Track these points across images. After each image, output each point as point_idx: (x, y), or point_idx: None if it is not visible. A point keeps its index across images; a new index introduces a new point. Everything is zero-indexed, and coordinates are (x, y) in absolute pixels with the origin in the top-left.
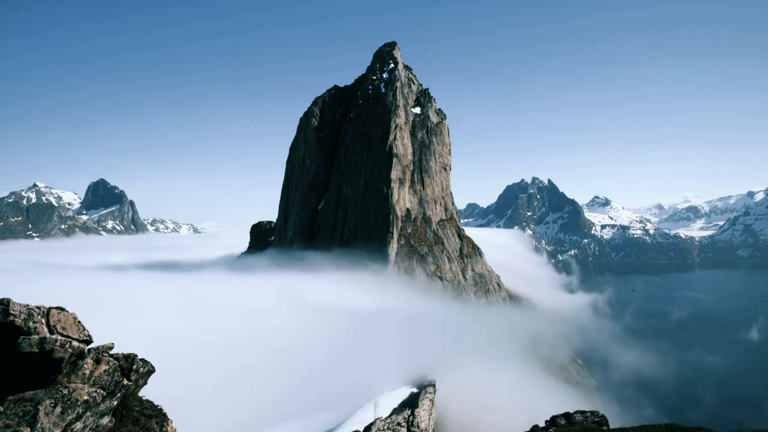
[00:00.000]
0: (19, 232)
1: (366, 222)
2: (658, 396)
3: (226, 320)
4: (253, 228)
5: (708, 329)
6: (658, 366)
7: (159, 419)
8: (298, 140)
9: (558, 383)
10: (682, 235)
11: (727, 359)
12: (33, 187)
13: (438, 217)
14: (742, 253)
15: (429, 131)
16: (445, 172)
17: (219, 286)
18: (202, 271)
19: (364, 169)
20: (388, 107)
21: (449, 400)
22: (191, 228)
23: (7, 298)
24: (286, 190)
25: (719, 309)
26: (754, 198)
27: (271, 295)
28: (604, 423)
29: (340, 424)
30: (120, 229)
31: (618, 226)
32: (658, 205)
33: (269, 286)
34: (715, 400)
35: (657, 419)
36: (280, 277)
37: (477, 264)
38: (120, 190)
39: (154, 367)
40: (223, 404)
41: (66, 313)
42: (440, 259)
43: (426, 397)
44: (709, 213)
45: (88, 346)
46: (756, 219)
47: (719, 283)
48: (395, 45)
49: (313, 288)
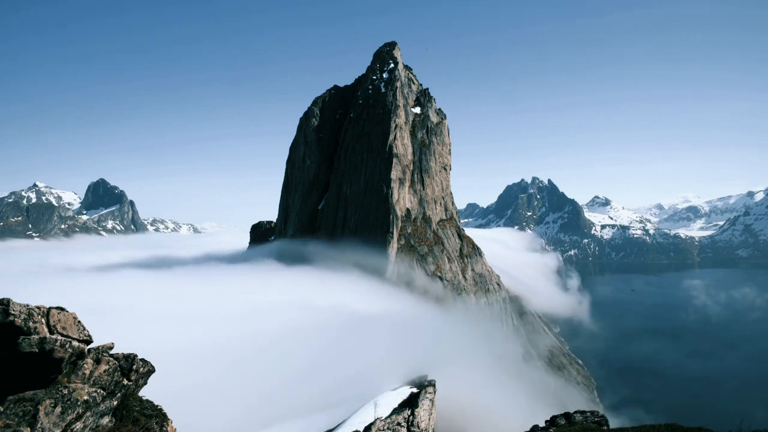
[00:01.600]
0: (19, 232)
1: (366, 222)
2: (659, 396)
3: (226, 320)
4: (253, 228)
5: (708, 329)
6: (659, 366)
7: (159, 419)
8: (298, 140)
9: (558, 383)
10: (682, 235)
11: (727, 359)
12: (33, 187)
13: (438, 217)
14: (742, 253)
15: (429, 131)
16: (445, 172)
17: (219, 287)
18: (201, 271)
19: (364, 169)
20: (388, 107)
21: (449, 400)
22: (191, 228)
23: (7, 298)
24: (286, 189)
25: (719, 309)
26: (754, 198)
27: (270, 295)
28: (604, 423)
29: (340, 424)
30: (120, 229)
31: (618, 226)
32: (658, 205)
33: (269, 286)
34: (715, 400)
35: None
36: (280, 277)
37: (477, 264)
38: (120, 190)
39: (154, 367)
40: (223, 404)
41: (66, 313)
42: (440, 258)
43: (426, 397)
44: (709, 213)
45: (88, 346)
46: (756, 219)
47: (719, 283)
48: (395, 45)
49: (312, 288)
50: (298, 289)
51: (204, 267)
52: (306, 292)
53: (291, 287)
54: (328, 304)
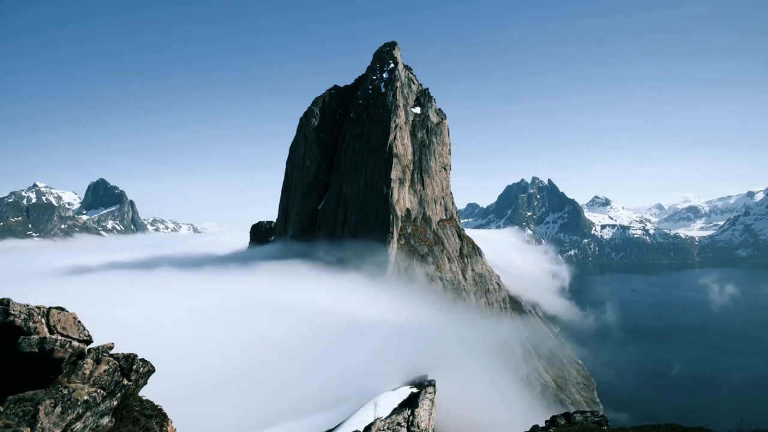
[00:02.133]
0: (19, 232)
1: (366, 222)
2: (659, 396)
3: (226, 321)
4: (253, 228)
5: (708, 329)
6: (659, 366)
7: (159, 419)
8: (298, 140)
9: (557, 382)
10: (682, 235)
11: (727, 359)
12: (33, 187)
13: (438, 217)
14: (742, 253)
15: (429, 131)
16: (445, 172)
17: (218, 288)
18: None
19: (364, 169)
20: (388, 107)
21: (449, 400)
22: (191, 228)
23: (7, 298)
24: (286, 190)
25: (719, 309)
26: (754, 198)
27: (270, 295)
28: (604, 423)
29: (340, 424)
30: (120, 229)
31: (618, 226)
32: (658, 205)
33: (269, 286)
34: (715, 400)
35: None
36: (280, 277)
37: (477, 264)
38: (120, 190)
39: (154, 367)
40: (223, 404)
41: (66, 313)
42: (440, 259)
43: (426, 397)
44: (709, 213)
45: (88, 346)
46: (756, 219)
47: (719, 283)
48: (395, 45)
49: (312, 288)
50: (298, 289)
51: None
52: (306, 292)
53: (291, 287)
54: (328, 304)
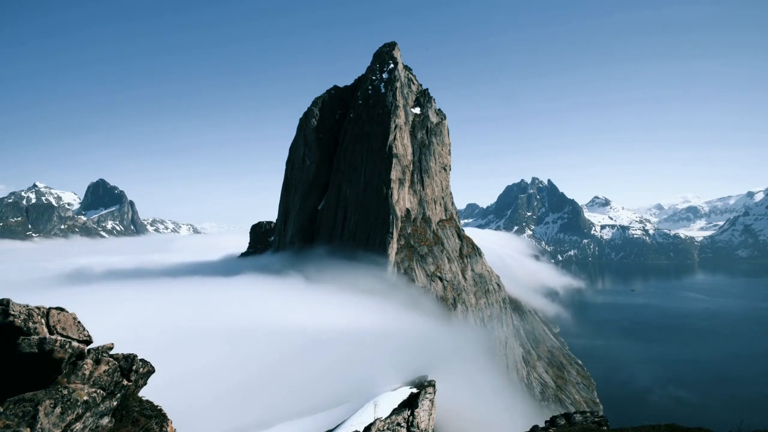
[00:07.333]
0: (18, 232)
1: (366, 222)
2: (658, 396)
3: (225, 322)
4: (253, 228)
5: (708, 329)
6: (658, 366)
7: (159, 420)
8: (297, 140)
9: (558, 383)
10: (682, 236)
11: (727, 359)
12: (33, 188)
13: (438, 217)
14: (741, 254)
15: (429, 131)
16: (444, 172)
17: (218, 289)
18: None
19: (364, 170)
20: (387, 107)
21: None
22: (191, 228)
23: (6, 299)
24: (285, 190)
25: (719, 309)
26: (753, 198)
27: (269, 296)
28: (604, 423)
29: (340, 424)
30: (120, 230)
31: (618, 226)
32: (658, 205)
33: (269, 287)
34: (715, 400)
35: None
36: (279, 277)
37: (477, 264)
38: (120, 190)
39: (153, 368)
40: (222, 405)
41: (66, 313)
42: (440, 259)
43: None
44: (709, 213)
45: (88, 347)
46: (756, 219)
47: (719, 283)
48: (395, 45)
49: (312, 288)
50: (298, 288)
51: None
52: (306, 292)
53: (291, 287)
54: (328, 305)
